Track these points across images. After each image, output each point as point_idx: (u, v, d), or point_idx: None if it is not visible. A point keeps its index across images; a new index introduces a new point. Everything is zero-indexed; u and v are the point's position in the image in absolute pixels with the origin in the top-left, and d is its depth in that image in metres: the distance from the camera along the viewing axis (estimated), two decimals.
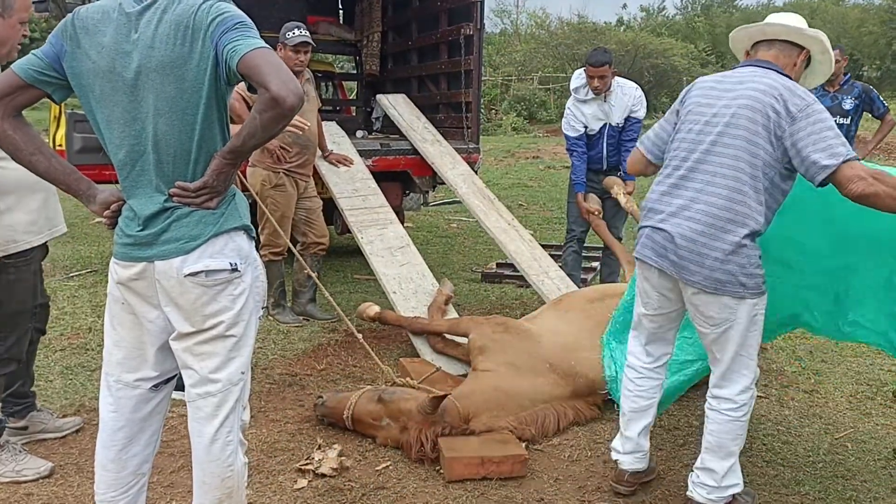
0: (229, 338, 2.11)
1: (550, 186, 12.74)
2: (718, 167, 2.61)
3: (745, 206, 2.55)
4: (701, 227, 2.58)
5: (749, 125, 2.58)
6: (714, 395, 2.75)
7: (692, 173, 2.68)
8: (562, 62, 31.74)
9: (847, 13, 38.25)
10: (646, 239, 2.77)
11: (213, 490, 2.16)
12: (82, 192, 2.14)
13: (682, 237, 2.61)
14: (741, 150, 2.58)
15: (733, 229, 2.54)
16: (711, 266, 2.55)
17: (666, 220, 2.68)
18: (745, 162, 2.57)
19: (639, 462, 3.03)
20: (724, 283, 2.56)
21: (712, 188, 2.61)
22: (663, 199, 2.73)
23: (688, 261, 2.60)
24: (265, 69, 1.81)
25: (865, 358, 4.56)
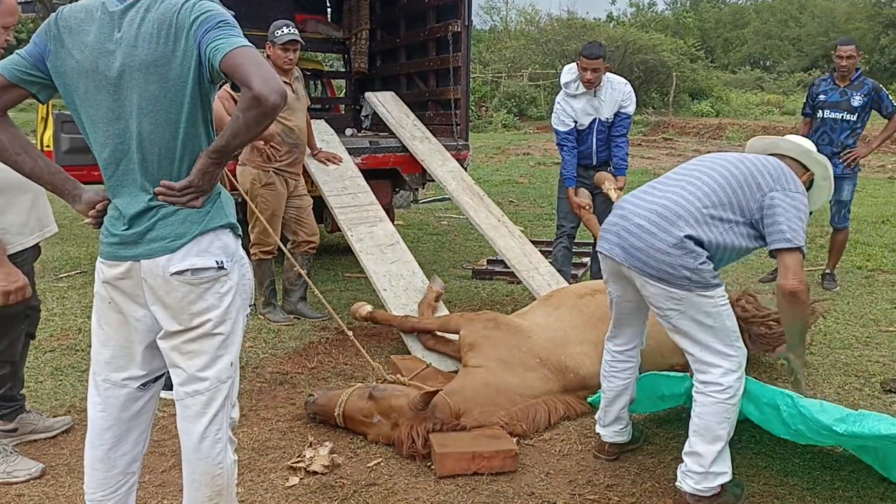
0: (217, 336, 2.11)
1: (541, 183, 12.76)
2: (695, 181, 2.83)
3: (698, 214, 2.73)
4: (654, 217, 2.75)
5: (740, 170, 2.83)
6: (699, 381, 2.79)
7: (668, 182, 2.91)
8: (552, 58, 31.76)
9: (835, 7, 38.44)
10: (606, 228, 2.94)
11: (203, 488, 2.16)
12: (68, 191, 2.13)
13: (636, 227, 2.77)
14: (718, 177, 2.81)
15: (680, 226, 2.70)
16: (657, 257, 2.69)
17: (627, 215, 2.85)
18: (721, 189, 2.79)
19: (619, 435, 3.22)
20: (668, 273, 2.68)
21: (678, 191, 2.81)
22: (635, 197, 2.93)
23: (637, 249, 2.74)
24: (247, 68, 1.80)
25: (853, 350, 4.59)
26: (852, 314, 5.32)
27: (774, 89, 32.23)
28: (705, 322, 2.72)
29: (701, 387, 2.78)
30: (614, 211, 2.99)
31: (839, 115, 5.92)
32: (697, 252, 2.69)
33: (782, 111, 27.30)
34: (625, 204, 2.95)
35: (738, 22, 45.67)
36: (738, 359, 2.77)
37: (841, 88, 5.95)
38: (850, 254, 7.29)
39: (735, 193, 2.79)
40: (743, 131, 23.09)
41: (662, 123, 25.06)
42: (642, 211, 2.81)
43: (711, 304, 2.71)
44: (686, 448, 2.82)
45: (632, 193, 3.01)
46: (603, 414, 3.26)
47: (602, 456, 3.29)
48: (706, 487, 2.75)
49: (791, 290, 2.73)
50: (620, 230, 2.83)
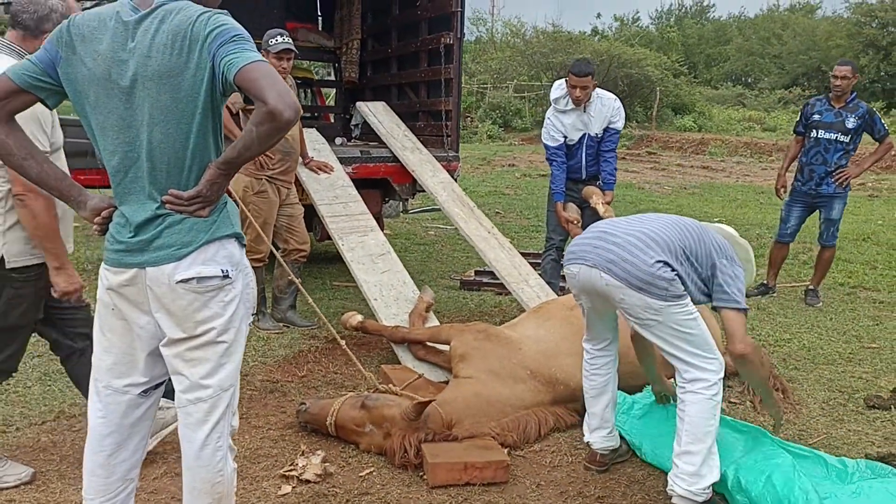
0: (220, 344, 2.13)
1: (527, 195, 12.83)
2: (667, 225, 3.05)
3: (674, 248, 2.92)
4: (634, 239, 2.93)
5: (700, 231, 3.09)
6: (686, 381, 2.90)
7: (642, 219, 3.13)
8: (537, 71, 31.97)
9: (816, 26, 38.97)
10: (581, 244, 3.08)
11: (204, 495, 2.17)
12: (73, 197, 2.14)
13: (617, 243, 2.94)
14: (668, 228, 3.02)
15: (658, 252, 2.88)
16: (639, 266, 2.85)
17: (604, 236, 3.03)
18: (689, 238, 3.01)
19: (607, 440, 3.28)
20: (648, 283, 2.83)
21: (656, 228, 3.00)
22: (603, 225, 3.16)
23: (621, 259, 2.89)
24: (262, 82, 1.83)
25: (837, 366, 4.67)
26: (835, 330, 5.40)
27: (756, 106, 32.59)
28: (684, 330, 2.87)
29: (688, 385, 2.89)
30: (587, 232, 3.17)
31: (833, 136, 5.95)
32: (671, 272, 2.86)
33: (763, 128, 27.62)
34: (597, 227, 3.15)
35: (721, 38, 46.18)
36: (718, 361, 2.91)
37: (836, 109, 5.97)
38: (833, 271, 7.38)
39: (699, 246, 3.00)
40: (725, 146, 23.38)
41: (646, 137, 25.29)
42: (621, 233, 2.99)
43: (687, 314, 2.87)
44: (676, 450, 2.89)
45: (599, 226, 3.19)
46: (588, 420, 3.34)
47: (593, 467, 3.33)
48: (698, 490, 2.82)
49: (741, 353, 2.91)
50: (599, 245, 2.98)
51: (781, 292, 6.54)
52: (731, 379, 4.39)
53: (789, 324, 5.55)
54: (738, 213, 11.36)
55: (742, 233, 9.40)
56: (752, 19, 47.95)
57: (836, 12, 40.40)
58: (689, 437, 2.85)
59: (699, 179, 16.47)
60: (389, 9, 7.74)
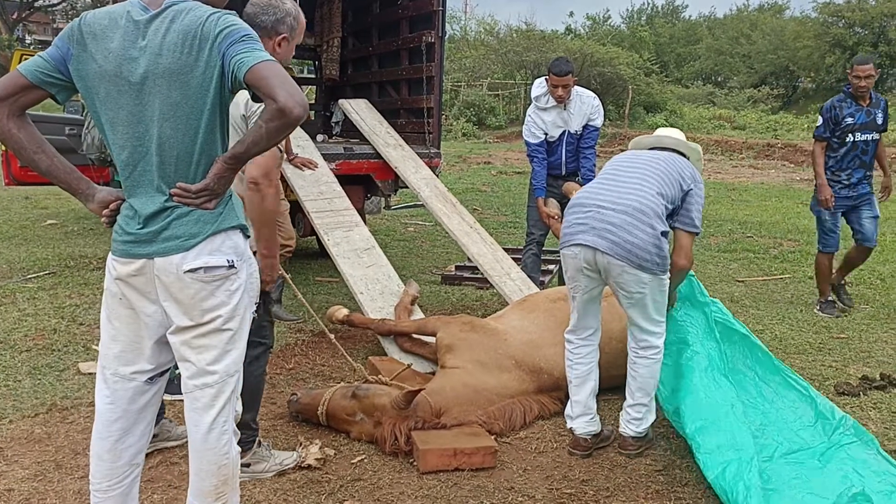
0: (226, 331, 2.21)
1: (504, 191, 12.97)
2: (647, 179, 3.33)
3: (660, 210, 3.25)
4: (632, 214, 3.19)
5: (667, 168, 3.41)
6: (640, 347, 3.40)
7: (618, 181, 3.37)
8: (510, 69, 32.15)
9: (784, 26, 39.58)
10: (578, 224, 3.29)
11: (210, 477, 2.25)
12: (81, 191, 2.21)
13: (617, 223, 3.19)
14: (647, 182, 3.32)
15: (655, 224, 3.20)
16: (642, 246, 3.15)
17: (602, 212, 3.24)
18: (666, 186, 3.34)
19: (590, 425, 3.49)
20: (646, 260, 3.16)
21: (638, 190, 3.28)
22: (591, 198, 3.34)
23: (624, 241, 3.16)
24: (272, 81, 1.91)
25: (808, 355, 4.84)
26: (806, 322, 5.59)
27: (726, 104, 33.07)
28: (658, 299, 3.32)
29: (642, 352, 3.41)
30: (577, 208, 3.36)
31: (870, 136, 5.73)
32: (665, 242, 3.23)
33: (733, 126, 28.05)
34: (587, 201, 3.34)
35: (692, 38, 46.74)
36: (664, 325, 3.44)
37: (865, 108, 5.75)
38: (802, 264, 7.61)
39: (671, 187, 3.35)
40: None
41: (619, 135, 25.55)
42: (617, 207, 3.23)
43: (665, 285, 3.32)
44: (629, 402, 3.45)
45: (587, 189, 3.44)
46: (572, 407, 3.52)
47: (577, 452, 3.47)
48: (643, 429, 3.46)
49: (683, 267, 3.45)
50: (599, 225, 3.22)
51: (753, 286, 6.73)
52: None
53: (762, 316, 5.73)
54: (711, 209, 11.58)
55: (715, 229, 9.66)
56: (722, 19, 48.61)
57: (804, 12, 41.10)
58: (640, 392, 3.42)
59: None
60: (370, 7, 7.80)
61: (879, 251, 8.32)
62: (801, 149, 21.68)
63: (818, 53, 34.71)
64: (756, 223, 10.18)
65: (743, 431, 3.06)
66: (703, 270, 7.30)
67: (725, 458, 2.97)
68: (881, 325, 5.52)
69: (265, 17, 3.00)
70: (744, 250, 8.31)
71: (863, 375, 4.40)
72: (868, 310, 5.95)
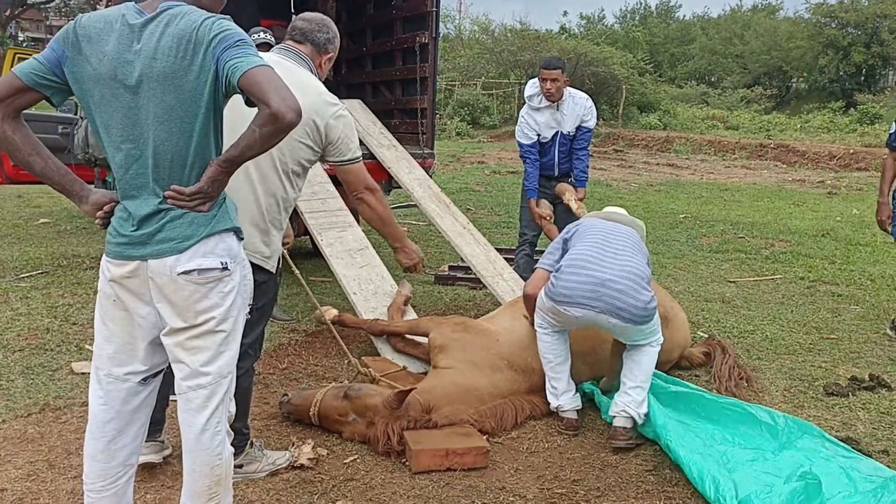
0: (219, 333, 2.23)
1: (497, 191, 12.99)
2: (633, 252, 3.76)
3: (647, 278, 3.68)
4: (630, 281, 3.54)
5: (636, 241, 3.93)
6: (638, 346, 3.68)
7: (607, 254, 3.68)
8: (505, 68, 32.18)
9: (778, 26, 39.65)
10: (585, 292, 3.53)
11: (203, 478, 2.27)
12: (76, 192, 2.23)
13: (619, 290, 3.50)
14: (637, 253, 3.78)
15: (647, 288, 3.58)
16: (639, 307, 3.50)
17: (605, 281, 3.53)
18: (643, 255, 3.85)
19: (574, 401, 3.77)
20: (645, 318, 3.54)
21: (633, 258, 3.69)
22: (591, 264, 3.62)
23: (628, 305, 3.49)
24: (266, 86, 1.93)
25: (798, 356, 4.87)
26: (796, 322, 5.62)
27: (719, 104, 33.16)
28: (650, 330, 3.66)
29: (646, 343, 3.67)
30: (578, 271, 3.60)
31: None
32: (655, 302, 3.60)
33: (726, 126, 28.12)
34: (589, 265, 3.61)
35: (685, 38, 46.83)
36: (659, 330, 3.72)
37: None
38: (793, 265, 7.66)
39: (645, 255, 3.87)
40: (689, 144, 23.78)
41: (612, 135, 25.64)
42: (621, 275, 3.56)
43: (655, 320, 3.65)
44: (629, 384, 3.62)
45: (587, 254, 3.68)
46: (554, 385, 3.78)
47: (570, 431, 3.68)
48: (642, 413, 3.58)
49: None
50: (604, 292, 3.51)
51: (744, 286, 6.77)
52: (699, 369, 4.59)
53: (752, 316, 5.77)
54: (703, 209, 11.63)
55: (707, 229, 9.68)
56: (716, 19, 48.69)
57: (797, 13, 41.22)
58: (642, 377, 3.64)
59: (664, 177, 16.78)
60: (364, 7, 7.82)
61: (870, 252, 8.40)
62: (794, 149, 21.77)
63: (811, 54, 34.82)
64: (748, 223, 10.23)
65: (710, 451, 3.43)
66: (694, 271, 7.34)
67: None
68: (871, 326, 5.56)
69: (320, 35, 3.12)
70: (735, 251, 8.35)
71: (852, 376, 4.44)
72: (858, 310, 5.99)
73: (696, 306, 5.98)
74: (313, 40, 3.10)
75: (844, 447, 3.42)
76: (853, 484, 3.12)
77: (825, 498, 2.91)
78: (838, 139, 23.42)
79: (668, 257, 7.92)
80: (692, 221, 10.36)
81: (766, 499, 2.91)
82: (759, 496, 2.93)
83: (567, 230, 4.04)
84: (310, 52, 3.11)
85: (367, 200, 3.28)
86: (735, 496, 2.95)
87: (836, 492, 3.06)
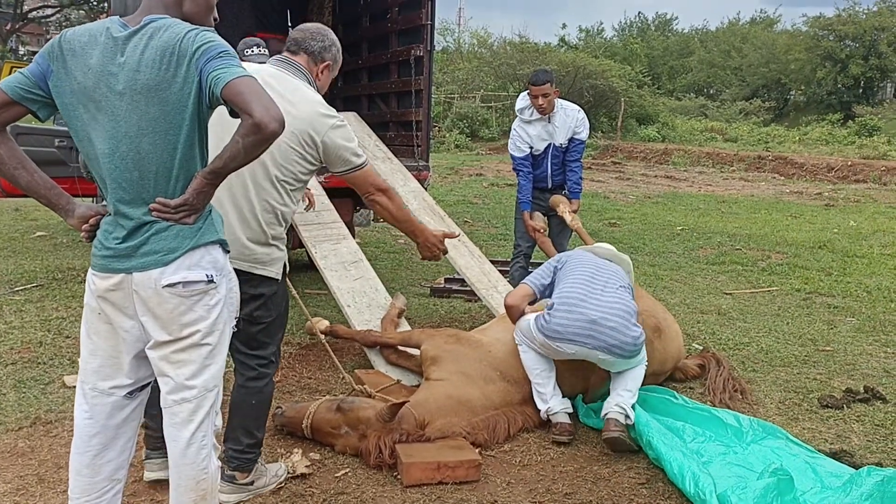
0: (205, 346, 2.22)
1: (495, 203, 13.00)
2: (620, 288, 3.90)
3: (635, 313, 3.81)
4: (620, 318, 3.68)
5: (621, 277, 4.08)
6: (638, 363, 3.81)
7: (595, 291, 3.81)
8: (504, 81, 32.29)
9: (776, 39, 39.80)
10: (577, 330, 3.65)
11: (189, 492, 2.26)
12: (61, 206, 2.23)
13: (611, 327, 3.64)
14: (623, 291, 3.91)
15: (635, 323, 3.73)
16: (629, 342, 3.65)
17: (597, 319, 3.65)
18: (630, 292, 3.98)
19: (564, 403, 3.83)
20: (634, 352, 3.70)
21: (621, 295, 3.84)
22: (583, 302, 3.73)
23: (621, 342, 3.64)
24: (248, 96, 1.93)
25: (793, 368, 4.86)
26: (791, 334, 5.61)
27: (717, 117, 33.23)
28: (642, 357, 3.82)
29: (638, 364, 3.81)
30: (570, 309, 3.71)
31: None
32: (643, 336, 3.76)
33: (725, 138, 28.18)
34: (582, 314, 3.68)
35: (684, 51, 46.98)
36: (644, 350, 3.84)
37: None
38: (790, 277, 7.65)
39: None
40: (687, 157, 23.82)
41: (611, 147, 25.69)
42: (608, 314, 3.67)
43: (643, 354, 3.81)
44: (622, 389, 3.71)
45: (578, 292, 3.79)
46: (542, 390, 3.82)
47: (564, 437, 3.70)
48: (632, 414, 3.65)
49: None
50: (596, 330, 3.63)
51: (740, 298, 6.76)
52: (693, 381, 4.58)
53: (748, 328, 5.75)
54: (701, 221, 11.63)
55: (704, 241, 9.69)
56: (714, 32, 48.86)
57: (795, 26, 41.35)
58: (633, 382, 3.75)
59: (663, 189, 16.80)
60: (360, 20, 7.84)
61: (867, 264, 8.39)
62: (792, 161, 21.82)
63: (809, 66, 34.94)
64: (745, 235, 10.23)
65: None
66: (690, 282, 7.33)
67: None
68: (866, 338, 5.54)
69: (313, 43, 3.08)
70: (732, 262, 8.35)
71: (847, 388, 4.42)
72: (854, 322, 5.98)
73: (692, 318, 5.97)
74: (307, 49, 3.07)
75: (808, 448, 3.57)
76: (820, 479, 3.26)
77: (797, 493, 3.05)
78: (836, 151, 23.47)
79: (664, 269, 7.92)
80: (689, 233, 10.36)
81: (742, 494, 2.97)
82: (735, 492, 3.00)
83: (558, 259, 4.20)
84: (305, 62, 3.08)
85: (379, 202, 3.25)
86: (714, 492, 3.03)
87: (808, 487, 3.19)
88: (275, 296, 3.01)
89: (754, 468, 3.35)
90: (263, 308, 3.00)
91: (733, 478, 3.26)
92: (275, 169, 2.89)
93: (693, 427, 3.73)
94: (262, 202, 2.90)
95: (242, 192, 2.87)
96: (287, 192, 2.97)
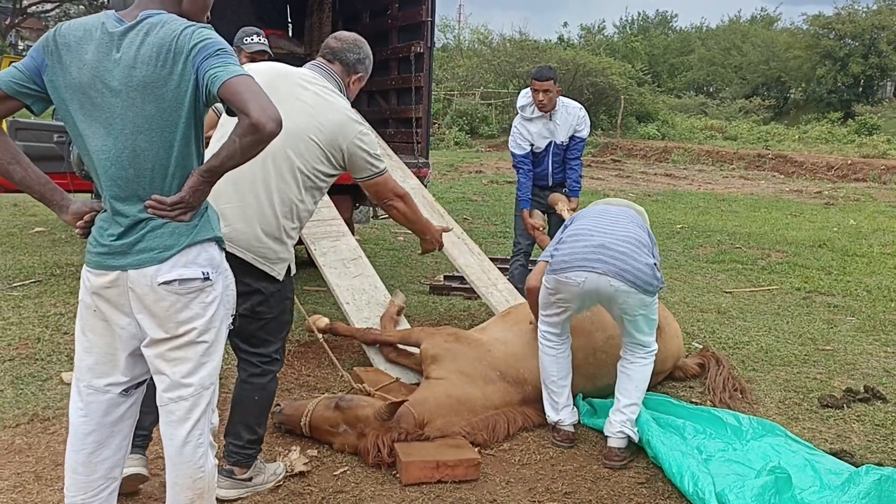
0: (201, 343, 2.20)
1: (494, 201, 12.97)
2: (633, 222, 3.74)
3: (651, 247, 3.64)
4: (633, 245, 3.51)
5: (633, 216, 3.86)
6: (631, 352, 3.64)
7: (610, 221, 3.68)
8: (504, 78, 32.23)
9: (776, 37, 39.75)
10: (584, 255, 3.47)
11: (185, 490, 2.24)
12: (56, 202, 2.21)
13: (622, 253, 3.45)
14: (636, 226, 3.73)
15: (647, 254, 3.53)
16: (645, 271, 3.44)
17: (605, 244, 3.49)
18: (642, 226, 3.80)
19: (573, 415, 3.78)
20: (649, 283, 3.44)
21: (631, 226, 3.66)
22: (590, 232, 3.60)
23: (633, 269, 3.42)
24: (245, 96, 1.91)
25: (793, 367, 4.84)
26: (791, 333, 5.60)
27: (717, 115, 33.19)
28: (652, 317, 3.59)
29: (637, 358, 3.63)
30: (576, 238, 3.58)
31: None
32: (659, 271, 3.53)
33: (724, 136, 28.14)
34: (587, 232, 3.59)
35: (684, 49, 46.91)
36: (655, 334, 3.69)
37: None
38: (790, 276, 7.64)
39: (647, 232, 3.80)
40: (687, 155, 23.79)
41: (611, 145, 25.66)
42: (621, 239, 3.51)
43: (656, 303, 3.59)
44: (624, 402, 3.57)
45: (582, 225, 3.68)
46: (555, 399, 3.74)
47: (565, 444, 3.65)
48: (636, 430, 3.54)
49: None
50: (605, 255, 3.45)
51: (740, 297, 6.74)
52: (693, 380, 4.56)
53: (748, 327, 5.74)
54: (701, 219, 11.62)
55: (704, 240, 9.67)
56: (714, 30, 48.81)
57: (795, 24, 41.32)
58: (637, 392, 3.59)
59: (662, 187, 16.79)
60: (360, 17, 7.82)
61: (867, 262, 8.38)
62: (792, 160, 21.80)
63: (809, 65, 34.88)
64: (744, 234, 10.21)
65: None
66: (690, 281, 7.32)
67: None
68: (867, 337, 5.53)
69: (349, 55, 3.13)
70: (732, 261, 8.33)
71: (847, 388, 4.41)
72: (854, 321, 5.96)
73: (692, 317, 5.96)
74: (342, 59, 3.13)
75: (807, 445, 3.59)
76: (819, 477, 3.27)
77: (795, 492, 3.07)
78: (836, 150, 23.46)
79: (664, 268, 7.87)
80: (689, 232, 10.34)
81: (740, 493, 2.97)
82: (733, 490, 3.00)
83: (570, 218, 4.03)
84: (339, 72, 3.14)
85: (396, 207, 3.33)
86: (713, 491, 3.03)
87: (807, 485, 3.19)
88: (276, 294, 3.00)
89: (753, 465, 3.36)
90: (265, 304, 2.99)
91: (732, 476, 3.27)
92: (298, 160, 2.93)
93: (694, 424, 3.73)
94: (282, 194, 2.92)
95: (263, 183, 2.89)
96: (306, 189, 2.98)
